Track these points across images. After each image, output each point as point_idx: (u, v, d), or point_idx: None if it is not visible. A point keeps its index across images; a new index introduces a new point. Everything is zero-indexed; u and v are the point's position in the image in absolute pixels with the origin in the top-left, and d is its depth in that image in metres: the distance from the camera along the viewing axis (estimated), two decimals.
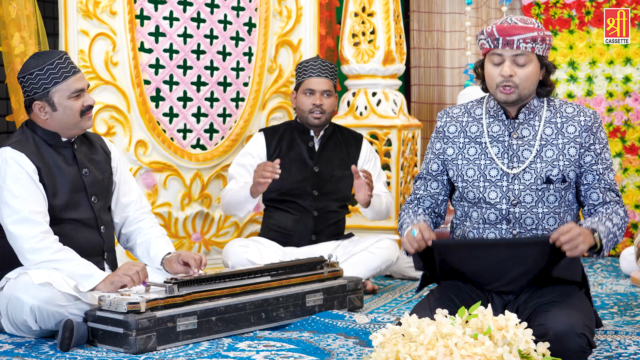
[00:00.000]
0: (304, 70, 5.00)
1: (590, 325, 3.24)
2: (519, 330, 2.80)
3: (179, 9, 5.28)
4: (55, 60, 3.81)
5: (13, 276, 3.73)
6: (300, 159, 5.00)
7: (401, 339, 2.81)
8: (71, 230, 3.87)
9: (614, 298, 4.74)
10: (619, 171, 6.41)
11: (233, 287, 3.94)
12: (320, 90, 4.94)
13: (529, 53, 3.35)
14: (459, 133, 3.54)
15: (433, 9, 7.15)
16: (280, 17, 5.77)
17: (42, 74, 3.79)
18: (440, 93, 7.22)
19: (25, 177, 3.75)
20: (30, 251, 3.69)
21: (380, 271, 4.91)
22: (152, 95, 5.21)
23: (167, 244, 4.14)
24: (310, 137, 5.03)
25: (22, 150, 3.79)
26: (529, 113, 3.46)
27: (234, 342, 3.73)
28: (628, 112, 6.40)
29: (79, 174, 3.92)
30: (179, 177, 5.36)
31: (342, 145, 5.09)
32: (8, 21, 4.44)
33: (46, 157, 3.85)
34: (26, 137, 3.86)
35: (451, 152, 3.54)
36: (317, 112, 4.94)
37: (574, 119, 3.44)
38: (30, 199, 3.74)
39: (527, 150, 3.42)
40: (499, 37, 3.35)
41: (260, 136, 5.07)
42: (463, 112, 3.58)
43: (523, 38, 3.33)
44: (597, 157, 3.43)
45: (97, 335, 3.62)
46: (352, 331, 3.90)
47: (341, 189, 5.06)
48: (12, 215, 3.72)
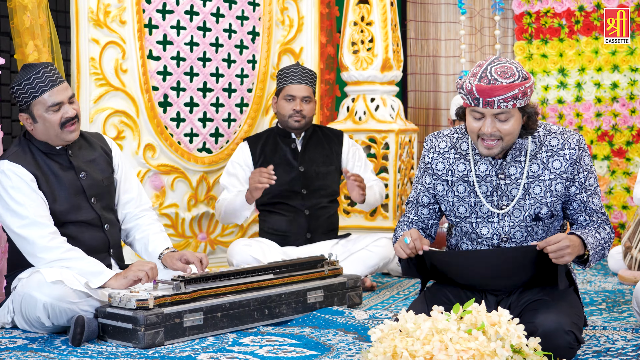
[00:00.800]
0: (284, 77, 4.98)
1: (578, 322, 3.26)
2: (511, 326, 2.80)
3: (185, 18, 5.34)
4: (32, 75, 3.77)
5: (25, 275, 3.76)
6: (285, 161, 5.00)
7: (398, 334, 2.82)
8: (75, 231, 3.88)
9: (602, 295, 4.72)
10: (607, 174, 6.40)
11: (237, 284, 3.93)
12: (300, 96, 4.93)
13: (510, 109, 3.22)
14: (447, 171, 3.46)
15: (429, 18, 7.16)
16: (283, 26, 5.82)
17: (21, 88, 3.78)
18: (435, 99, 7.22)
19: (25, 186, 3.75)
20: (41, 250, 3.71)
21: (378, 269, 4.93)
22: (160, 100, 5.27)
23: (165, 240, 4.13)
24: (292, 140, 5.03)
25: (19, 162, 3.78)
26: (515, 152, 3.37)
27: (239, 337, 3.73)
28: (615, 117, 6.41)
29: (77, 178, 3.91)
30: (186, 179, 5.42)
31: (323, 143, 5.09)
32: (22, 30, 4.44)
33: (42, 166, 3.85)
34: (22, 148, 3.85)
35: (441, 189, 3.48)
36: (297, 116, 4.93)
37: (559, 152, 3.35)
38: (33, 204, 3.74)
39: (515, 189, 3.36)
40: (479, 97, 3.20)
41: (245, 145, 5.06)
42: (449, 147, 3.47)
43: (504, 98, 3.18)
44: (581, 187, 3.37)
45: (107, 330, 3.63)
46: (351, 327, 3.90)
47: (329, 185, 5.07)
48: (19, 222, 3.73)
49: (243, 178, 5.00)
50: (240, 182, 5.00)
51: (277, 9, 5.76)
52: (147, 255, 4.12)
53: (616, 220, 6.40)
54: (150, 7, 5.20)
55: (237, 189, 4.99)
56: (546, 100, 6.56)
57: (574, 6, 6.48)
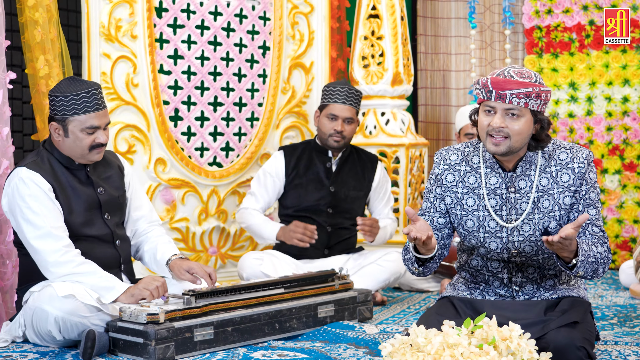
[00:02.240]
0: (330, 94, 4.97)
1: (590, 337, 3.27)
2: (522, 341, 2.81)
3: (196, 32, 5.36)
4: (82, 93, 3.79)
5: (37, 289, 3.75)
6: (317, 179, 5.01)
7: (409, 348, 2.83)
8: (88, 246, 3.87)
9: (613, 310, 4.73)
10: (618, 188, 6.40)
11: (248, 298, 3.94)
12: (343, 116, 4.92)
13: (522, 108, 3.25)
14: (457, 183, 3.47)
15: (439, 33, 7.17)
16: (293, 41, 5.83)
17: (66, 101, 3.79)
18: (446, 113, 7.22)
19: (42, 195, 3.76)
20: (54, 264, 3.71)
21: (389, 283, 4.94)
22: (170, 115, 5.29)
23: (173, 248, 4.13)
24: (328, 158, 5.04)
25: (37, 170, 3.79)
26: (525, 164, 3.39)
27: (249, 352, 3.74)
28: (626, 130, 6.39)
29: (95, 192, 3.93)
30: (197, 193, 5.43)
31: (357, 168, 5.09)
32: (33, 45, 4.46)
33: (61, 178, 3.86)
34: (41, 158, 3.86)
35: (449, 201, 3.49)
36: (337, 137, 4.93)
37: (568, 166, 3.37)
38: (49, 215, 3.75)
39: (524, 203, 3.38)
40: (492, 89, 3.25)
41: (280, 155, 5.07)
42: (460, 159, 3.49)
43: (516, 93, 3.23)
44: (581, 198, 3.37)
45: (118, 345, 3.64)
46: (362, 341, 3.90)
47: (355, 209, 5.08)
48: (34, 232, 3.73)
49: (272, 188, 5.05)
50: (268, 192, 5.05)
51: (287, 24, 5.78)
52: (156, 265, 4.12)
53: (627, 235, 6.38)
54: (161, 21, 5.22)
55: (264, 198, 5.03)
56: (557, 114, 6.55)
57: (585, 20, 6.48)
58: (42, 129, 4.56)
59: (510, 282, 3.49)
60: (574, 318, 3.28)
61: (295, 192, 5.02)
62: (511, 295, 3.50)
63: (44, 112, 4.52)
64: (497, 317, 3.01)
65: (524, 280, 3.47)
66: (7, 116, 4.23)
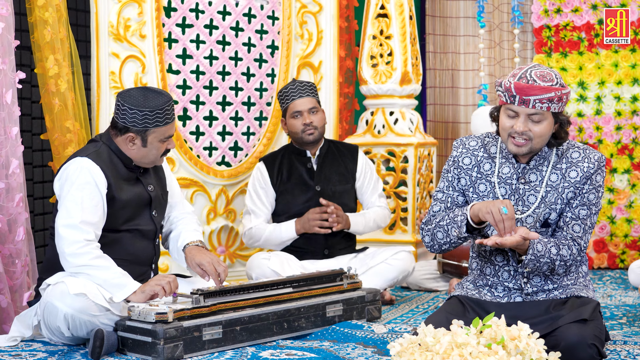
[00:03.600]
0: (285, 96, 5.00)
1: (600, 335, 3.28)
2: (531, 340, 2.81)
3: (205, 32, 5.37)
4: (165, 106, 3.87)
5: (52, 282, 3.76)
6: (301, 182, 5.02)
7: (418, 348, 2.82)
8: (130, 239, 3.95)
9: (622, 309, 4.73)
10: (627, 187, 6.39)
11: (256, 298, 3.95)
12: (306, 109, 4.94)
13: (544, 112, 3.31)
14: (472, 167, 3.52)
15: (448, 32, 7.17)
16: (302, 40, 5.84)
17: (150, 115, 3.84)
18: (455, 112, 7.22)
19: (93, 188, 3.80)
20: (71, 254, 3.71)
21: (397, 282, 4.94)
22: (179, 114, 5.29)
23: (195, 235, 4.16)
24: (308, 158, 5.05)
25: (99, 163, 3.84)
26: (539, 159, 3.45)
27: (258, 351, 3.75)
28: (636, 130, 6.39)
29: (145, 190, 3.99)
30: (205, 192, 5.44)
31: (339, 161, 5.10)
32: (43, 44, 4.47)
33: (118, 173, 3.91)
34: (102, 151, 3.90)
35: (464, 183, 3.54)
36: (309, 129, 4.94)
37: (578, 164, 3.43)
38: (88, 209, 3.77)
39: (532, 196, 3.43)
40: (516, 94, 3.29)
41: (262, 165, 5.08)
42: (479, 146, 3.55)
43: (540, 99, 3.28)
44: (579, 195, 3.42)
45: (126, 344, 3.65)
46: (370, 340, 3.91)
47: (345, 203, 5.06)
48: (66, 219, 3.75)
49: (267, 200, 5.05)
50: (265, 205, 5.05)
51: (296, 23, 5.79)
52: (177, 254, 4.16)
53: (636, 234, 6.38)
54: (170, 21, 5.23)
55: (264, 212, 5.04)
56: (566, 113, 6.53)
57: (594, 19, 6.47)
58: (52, 129, 4.57)
59: (518, 273, 3.50)
60: (584, 315, 3.29)
61: (284, 199, 5.03)
62: (519, 287, 3.50)
63: (53, 111, 4.54)
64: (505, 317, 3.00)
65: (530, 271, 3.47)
66: (16, 116, 4.24)
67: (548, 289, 3.48)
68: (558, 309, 3.39)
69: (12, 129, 4.20)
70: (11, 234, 4.20)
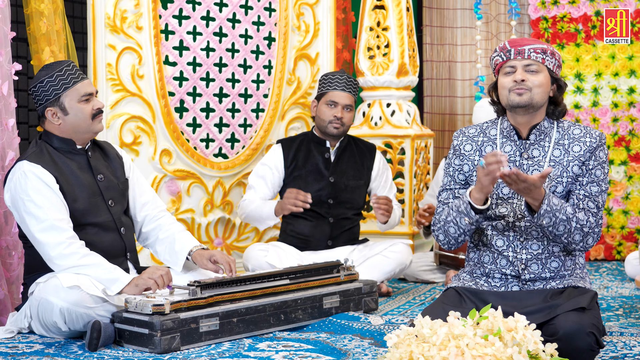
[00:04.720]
0: (329, 82, 5.00)
1: (598, 325, 3.27)
2: (527, 332, 2.80)
3: (202, 24, 5.36)
4: (64, 68, 3.86)
5: (43, 280, 3.76)
6: (316, 170, 5.03)
7: (414, 339, 2.81)
8: (93, 234, 3.90)
9: (619, 301, 4.75)
10: (624, 179, 6.41)
11: (253, 289, 3.96)
12: (343, 103, 4.96)
13: (540, 63, 3.42)
14: (474, 152, 3.56)
15: (445, 24, 7.18)
16: (299, 32, 5.84)
17: (53, 81, 3.84)
18: (452, 104, 7.23)
19: (45, 187, 3.78)
20: (58, 257, 3.72)
21: (394, 274, 4.95)
22: (176, 106, 5.29)
23: (191, 238, 4.17)
24: (327, 149, 5.06)
25: (39, 162, 3.81)
26: (539, 134, 3.49)
27: (254, 343, 3.75)
28: (632, 122, 6.41)
29: (94, 179, 3.95)
30: (202, 184, 5.44)
31: (356, 157, 5.11)
32: (39, 36, 4.46)
33: (62, 166, 3.88)
34: (40, 149, 3.88)
35: (467, 169, 3.57)
36: (337, 123, 4.95)
37: (580, 139, 3.47)
38: (52, 207, 3.76)
39: (536, 171, 3.44)
40: (511, 48, 3.44)
41: (278, 148, 5.09)
42: (479, 132, 3.60)
43: (534, 48, 3.41)
44: (587, 172, 3.45)
45: (123, 335, 3.66)
46: (367, 332, 3.92)
47: (355, 198, 5.09)
48: (38, 225, 3.74)
49: (271, 181, 5.05)
50: (267, 185, 5.06)
51: (293, 15, 5.78)
52: (173, 255, 4.14)
53: (633, 226, 6.39)
54: (166, 12, 5.23)
55: (263, 191, 5.04)
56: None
57: (591, 11, 6.48)
58: None
59: (516, 259, 3.50)
60: (583, 303, 3.30)
61: (296, 184, 5.01)
62: (517, 274, 3.50)
63: None
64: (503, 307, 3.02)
65: (528, 258, 3.48)
66: (12, 107, 4.24)
67: (545, 278, 3.48)
68: (556, 298, 3.40)
69: (9, 121, 4.20)
70: (7, 225, 4.20)
